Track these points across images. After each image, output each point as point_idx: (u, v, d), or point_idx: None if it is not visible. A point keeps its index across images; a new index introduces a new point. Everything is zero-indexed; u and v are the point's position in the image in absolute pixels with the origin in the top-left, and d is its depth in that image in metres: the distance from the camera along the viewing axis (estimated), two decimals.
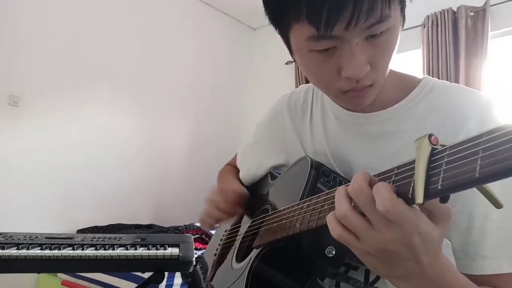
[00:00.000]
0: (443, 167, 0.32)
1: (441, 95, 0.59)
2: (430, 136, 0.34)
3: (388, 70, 0.55)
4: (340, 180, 0.62)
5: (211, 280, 0.79)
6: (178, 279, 1.74)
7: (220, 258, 0.81)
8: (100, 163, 2.61)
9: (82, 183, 2.51)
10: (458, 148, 0.31)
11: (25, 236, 0.98)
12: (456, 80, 2.36)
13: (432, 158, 0.33)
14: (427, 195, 0.33)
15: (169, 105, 3.09)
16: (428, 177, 0.33)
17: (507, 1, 2.30)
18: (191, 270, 0.92)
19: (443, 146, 0.33)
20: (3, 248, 0.87)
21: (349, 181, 0.63)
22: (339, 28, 0.46)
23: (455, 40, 2.42)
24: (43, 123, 2.36)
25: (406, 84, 0.63)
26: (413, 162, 0.35)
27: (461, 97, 0.58)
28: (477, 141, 0.29)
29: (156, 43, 3.00)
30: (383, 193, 0.36)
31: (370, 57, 0.50)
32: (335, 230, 0.41)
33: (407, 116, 0.60)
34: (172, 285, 1.72)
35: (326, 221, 0.43)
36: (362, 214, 0.39)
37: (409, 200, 0.35)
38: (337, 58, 0.50)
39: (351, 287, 0.61)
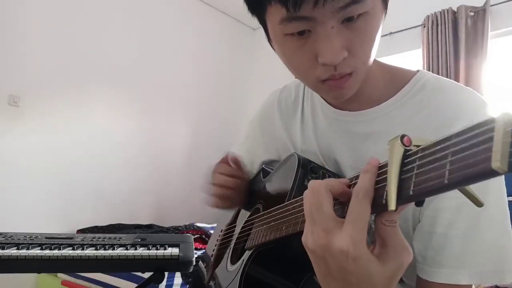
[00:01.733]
0: (415, 171, 0.31)
1: (433, 93, 0.56)
2: (402, 137, 0.32)
3: (369, 61, 0.52)
4: (329, 176, 0.61)
5: (208, 281, 0.79)
6: (178, 279, 1.74)
7: (217, 259, 0.81)
8: (100, 163, 2.61)
9: (82, 183, 2.51)
10: (430, 151, 0.30)
11: (25, 236, 0.98)
12: (456, 80, 2.35)
13: (405, 161, 0.32)
14: (400, 201, 0.31)
15: (169, 105, 3.09)
16: (400, 182, 0.32)
17: (507, 1, 2.30)
18: (191, 270, 0.92)
19: (417, 146, 0.32)
20: (3, 248, 0.87)
21: (339, 177, 0.63)
22: (307, 7, 0.44)
23: (455, 40, 2.42)
24: (43, 123, 2.36)
25: (398, 80, 0.59)
26: (387, 164, 0.34)
27: (452, 97, 0.54)
28: (447, 143, 0.28)
29: (156, 43, 3.00)
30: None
31: (347, 43, 0.47)
32: (306, 193, 0.41)
33: (395, 116, 0.57)
34: (172, 285, 1.72)
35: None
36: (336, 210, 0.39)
37: (383, 206, 0.33)
38: (312, 42, 0.48)
39: None
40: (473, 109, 0.53)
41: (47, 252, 0.87)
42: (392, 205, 0.31)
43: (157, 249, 0.94)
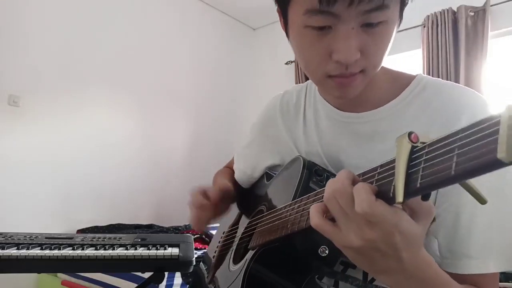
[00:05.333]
0: (422, 165, 0.32)
1: (433, 93, 0.59)
2: (410, 134, 0.34)
3: (379, 66, 0.55)
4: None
5: (210, 282, 0.80)
6: (178, 279, 1.74)
7: (218, 260, 0.82)
8: (100, 163, 2.61)
9: (82, 183, 2.51)
10: (436, 146, 0.31)
11: (25, 236, 0.98)
12: (456, 80, 2.36)
13: (412, 156, 0.33)
14: (407, 194, 0.33)
15: (169, 105, 3.09)
16: (408, 176, 0.33)
17: (507, 1, 2.30)
18: (191, 270, 0.93)
19: (423, 143, 0.33)
20: (3, 248, 0.87)
21: None
22: (341, 5, 0.46)
23: (455, 40, 2.42)
24: (43, 123, 2.36)
25: (399, 83, 0.62)
26: (394, 160, 0.35)
27: (454, 95, 0.57)
28: (454, 138, 0.29)
29: (156, 43, 3.00)
30: (362, 195, 0.36)
31: (363, 45, 0.50)
32: (313, 218, 0.42)
33: (399, 116, 0.60)
34: (172, 285, 1.72)
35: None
36: None
37: (390, 199, 0.35)
38: (330, 39, 0.50)
39: (350, 285, 0.61)
40: (475, 106, 0.55)
41: (47, 252, 0.87)
42: (399, 198, 0.32)
43: (157, 249, 0.94)
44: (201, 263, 0.96)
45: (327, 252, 0.51)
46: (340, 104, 0.66)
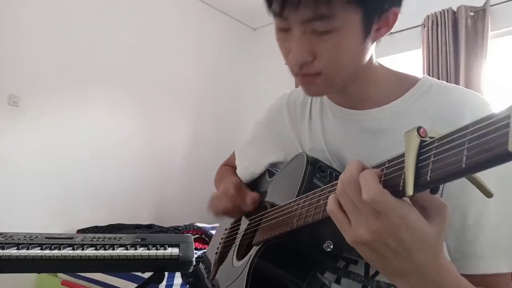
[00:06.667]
0: (432, 159, 0.32)
1: (438, 95, 0.60)
2: (418, 128, 0.34)
3: (341, 71, 0.57)
4: (336, 175, 0.62)
5: (213, 278, 0.80)
6: (178, 279, 1.74)
7: (221, 256, 0.82)
8: (100, 163, 2.61)
9: (82, 183, 2.51)
10: (446, 140, 0.32)
11: (25, 236, 0.98)
12: (456, 80, 2.36)
13: (421, 150, 0.34)
14: (417, 186, 0.33)
15: (169, 105, 3.09)
16: (417, 169, 0.33)
17: (507, 1, 2.30)
18: (191, 270, 0.93)
19: (431, 138, 0.34)
20: (3, 248, 0.87)
21: None
22: (288, 11, 0.51)
23: (455, 40, 2.42)
24: (43, 123, 2.36)
25: (404, 83, 0.64)
26: (403, 155, 0.36)
27: (457, 97, 0.59)
28: (464, 132, 0.30)
29: (156, 43, 3.00)
30: (370, 183, 0.36)
31: (316, 50, 0.53)
32: (330, 204, 0.42)
33: (403, 115, 0.61)
34: (172, 285, 1.72)
35: (321, 213, 0.44)
36: None
37: (400, 193, 0.35)
38: (288, 41, 0.55)
39: (351, 281, 0.61)
40: (476, 107, 0.56)
41: (47, 252, 0.87)
42: (409, 191, 0.33)
43: (157, 249, 0.94)
44: (200, 263, 0.96)
45: (331, 247, 0.52)
46: (340, 101, 0.68)
